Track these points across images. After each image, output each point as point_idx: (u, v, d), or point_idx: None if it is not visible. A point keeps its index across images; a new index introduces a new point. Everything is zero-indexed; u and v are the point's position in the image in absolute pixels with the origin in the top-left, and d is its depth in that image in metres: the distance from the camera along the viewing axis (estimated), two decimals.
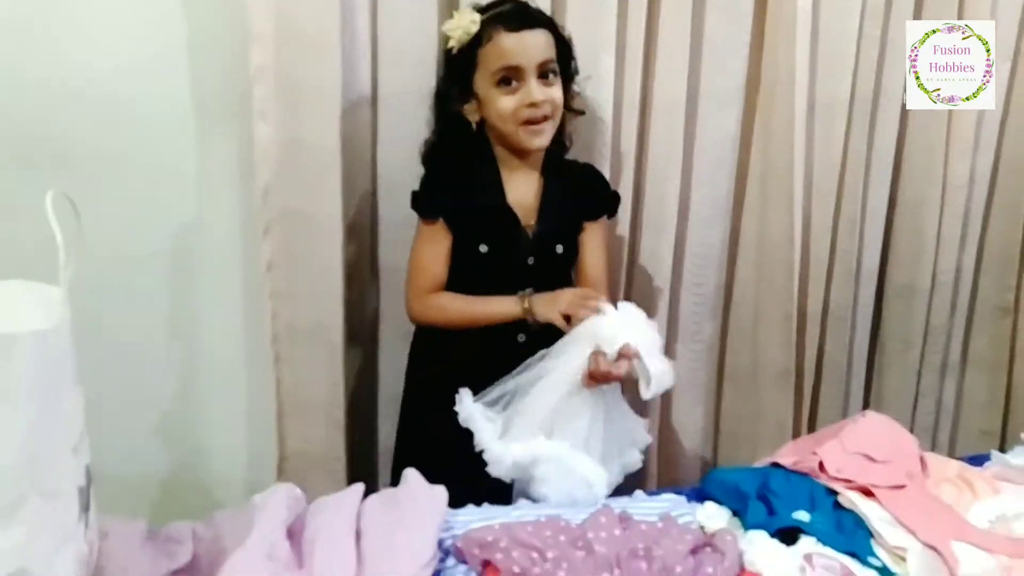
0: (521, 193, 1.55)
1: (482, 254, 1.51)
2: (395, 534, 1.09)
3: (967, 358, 2.19)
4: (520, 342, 1.50)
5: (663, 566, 1.06)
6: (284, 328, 1.63)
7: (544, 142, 1.50)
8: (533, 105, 1.45)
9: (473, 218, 1.51)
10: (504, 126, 1.48)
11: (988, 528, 1.23)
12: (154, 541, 1.07)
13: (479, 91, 1.49)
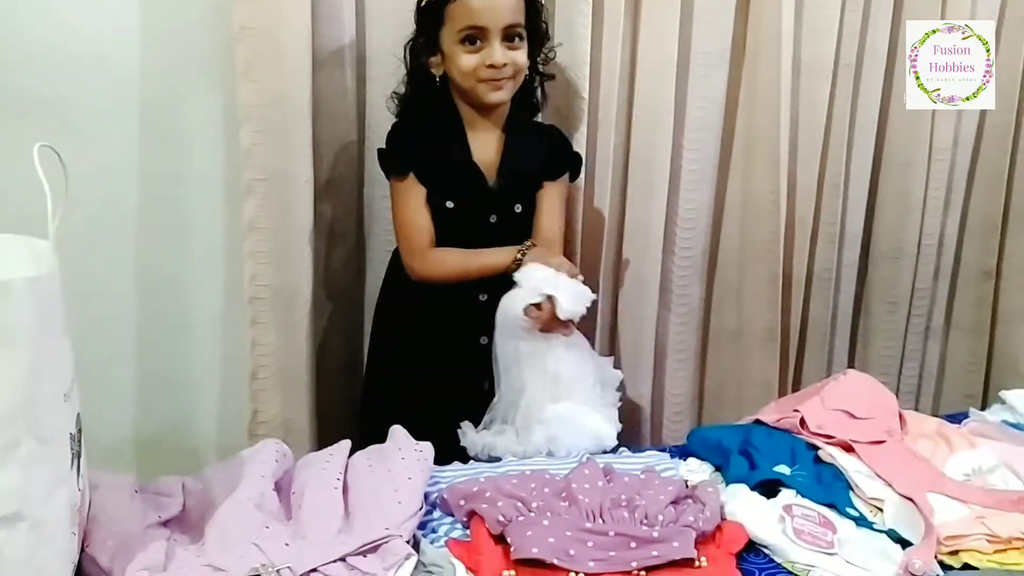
0: (484, 151, 1.57)
1: (448, 210, 1.53)
2: (382, 487, 1.11)
3: (950, 322, 2.21)
4: (482, 301, 1.53)
5: (645, 515, 1.08)
6: (260, 290, 1.63)
7: (502, 98, 1.53)
8: (493, 66, 1.48)
9: (441, 174, 1.54)
10: (464, 81, 1.51)
11: (964, 480, 1.26)
12: (144, 494, 1.08)
13: (444, 46, 1.51)
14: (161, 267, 1.69)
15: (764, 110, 1.83)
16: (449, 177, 1.54)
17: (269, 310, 1.64)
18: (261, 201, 1.58)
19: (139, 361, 1.72)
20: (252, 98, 1.53)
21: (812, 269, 2.00)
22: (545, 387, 1.43)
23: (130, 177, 1.62)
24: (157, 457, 1.75)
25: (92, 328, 1.61)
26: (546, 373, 1.44)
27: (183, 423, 1.77)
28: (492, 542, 1.05)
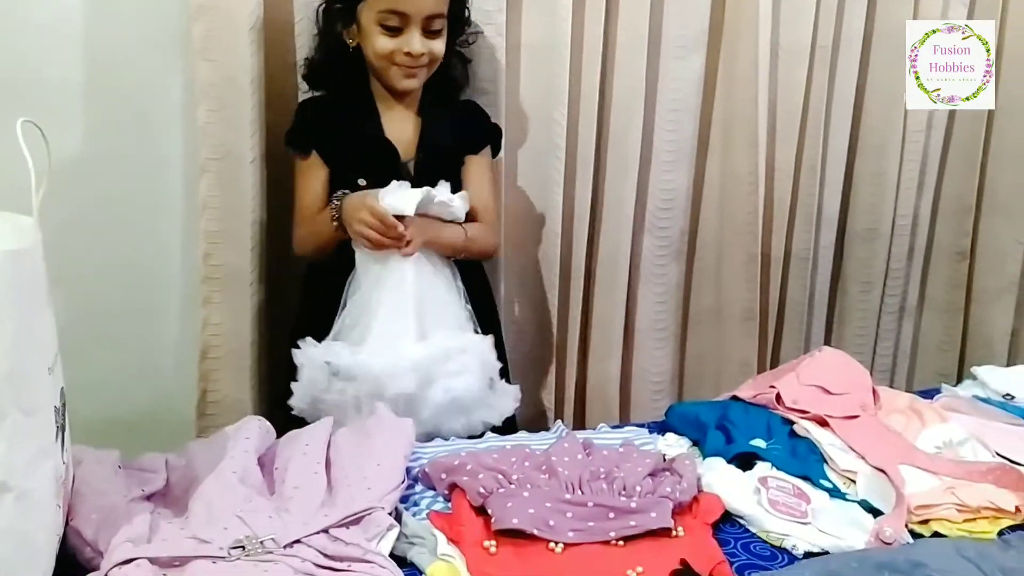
0: (398, 128, 1.54)
1: (360, 188, 1.48)
2: (364, 462, 1.12)
3: (924, 301, 2.25)
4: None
5: (623, 487, 1.10)
6: (216, 271, 1.63)
7: (413, 86, 1.52)
8: (410, 55, 1.46)
9: (350, 151, 1.51)
10: (377, 62, 1.49)
11: (935, 453, 1.29)
12: (127, 469, 1.09)
13: (361, 20, 1.48)
14: (124, 247, 1.68)
15: (743, 92, 1.85)
16: (360, 154, 1.52)
17: (221, 290, 1.63)
18: (214, 180, 1.58)
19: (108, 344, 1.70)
20: (208, 76, 1.53)
21: (790, 249, 2.03)
22: (397, 312, 1.39)
23: (91, 157, 1.60)
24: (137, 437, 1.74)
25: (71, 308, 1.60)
26: (397, 296, 1.40)
27: (152, 405, 1.76)
28: (473, 514, 1.06)
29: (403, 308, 1.40)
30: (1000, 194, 2.15)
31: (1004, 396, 1.50)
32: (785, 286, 2.05)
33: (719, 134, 1.91)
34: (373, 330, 1.39)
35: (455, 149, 1.58)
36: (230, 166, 1.58)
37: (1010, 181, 2.14)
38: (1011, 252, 2.17)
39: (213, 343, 1.66)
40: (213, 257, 1.62)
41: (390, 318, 1.39)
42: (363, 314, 1.41)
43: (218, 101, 1.54)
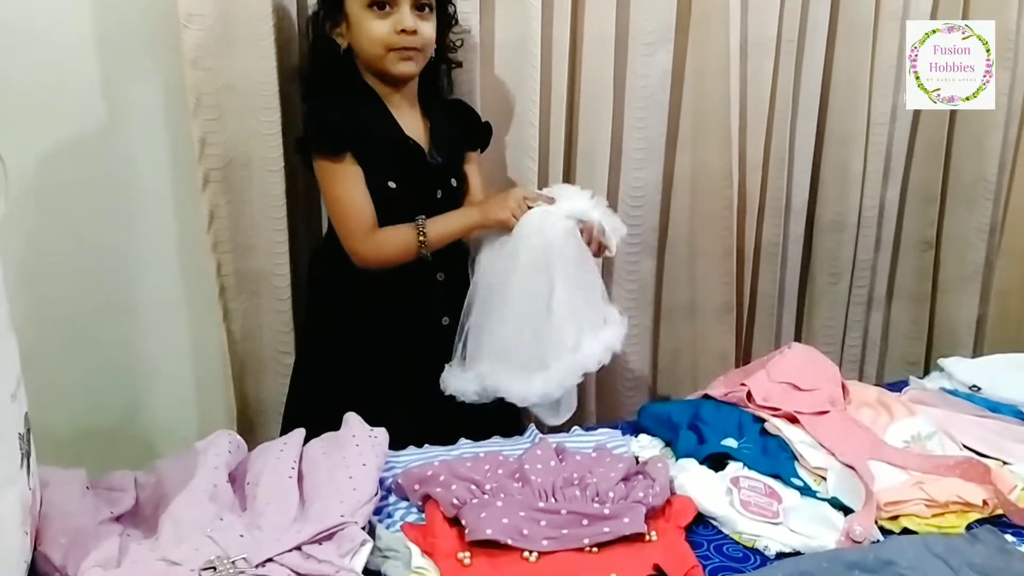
0: (412, 126, 1.52)
1: (391, 190, 1.46)
2: (337, 474, 1.11)
3: (892, 291, 2.27)
4: (440, 280, 1.51)
5: (596, 493, 1.10)
6: (230, 280, 1.62)
7: (411, 70, 1.47)
8: (404, 32, 1.42)
9: (377, 153, 1.46)
10: (372, 49, 1.44)
11: (903, 447, 1.30)
12: (96, 489, 1.07)
13: (351, 14, 1.45)
14: (111, 257, 1.66)
15: (713, 87, 1.85)
16: (388, 155, 1.47)
17: (236, 297, 1.63)
18: (220, 189, 1.56)
19: (91, 350, 1.69)
20: (204, 86, 1.50)
21: (760, 243, 2.04)
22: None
23: (77, 164, 1.58)
24: (110, 446, 1.74)
25: (42, 318, 1.60)
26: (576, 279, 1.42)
27: (135, 412, 1.75)
28: (447, 525, 1.06)
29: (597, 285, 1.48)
30: (963, 184, 2.18)
31: (971, 388, 1.52)
32: (756, 279, 2.06)
33: (688, 129, 1.91)
34: (588, 311, 1.43)
35: (460, 146, 1.59)
36: (237, 173, 1.56)
37: (972, 171, 2.16)
38: (974, 241, 2.20)
39: (239, 352, 1.66)
40: (226, 266, 1.61)
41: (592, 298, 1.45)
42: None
43: (215, 110, 1.52)
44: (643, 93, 1.83)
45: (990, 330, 2.32)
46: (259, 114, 1.53)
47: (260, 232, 1.60)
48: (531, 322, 1.40)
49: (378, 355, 1.51)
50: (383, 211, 1.46)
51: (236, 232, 1.60)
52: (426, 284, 1.50)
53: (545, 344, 1.39)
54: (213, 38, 1.49)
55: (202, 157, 1.54)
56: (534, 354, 1.40)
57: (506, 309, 1.41)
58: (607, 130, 1.81)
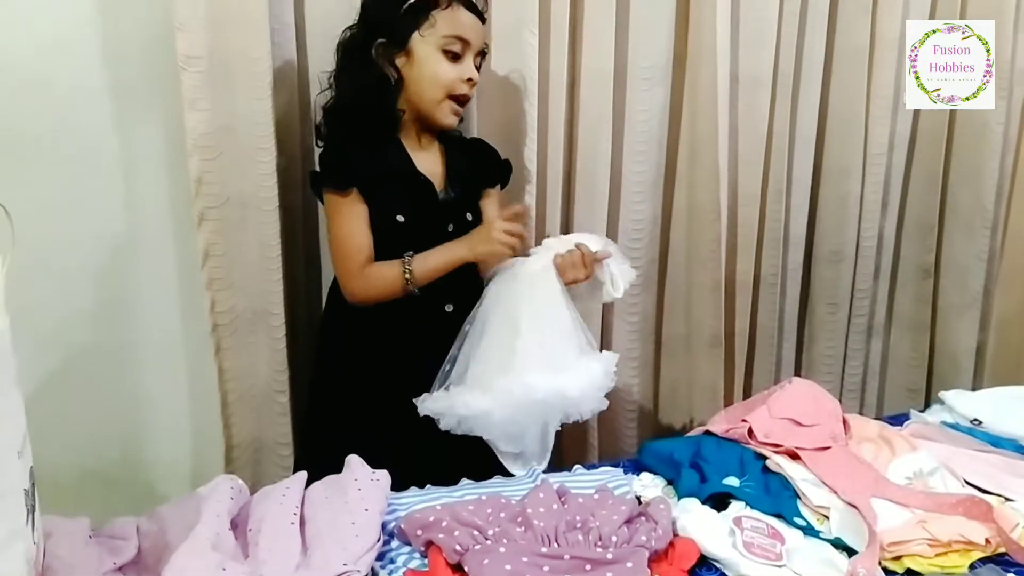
0: (426, 162, 1.54)
1: (399, 224, 1.48)
2: (339, 519, 1.11)
3: (892, 319, 2.28)
4: (448, 312, 1.52)
5: (599, 537, 1.10)
6: (224, 317, 1.63)
7: (455, 123, 1.53)
8: (470, 82, 1.49)
9: (387, 187, 1.48)
10: (433, 92, 1.48)
11: (905, 484, 1.30)
12: (98, 538, 1.07)
13: (416, 50, 1.47)
14: (112, 297, 1.67)
15: (705, 121, 1.87)
16: (397, 190, 1.49)
17: (230, 335, 1.63)
18: (216, 228, 1.57)
19: (91, 390, 1.69)
20: (201, 126, 1.51)
21: (759, 274, 2.05)
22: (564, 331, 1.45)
23: (76, 206, 1.60)
24: (112, 488, 1.74)
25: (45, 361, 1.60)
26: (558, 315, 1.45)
27: (134, 454, 1.75)
28: (450, 571, 1.06)
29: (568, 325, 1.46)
30: (961, 212, 2.19)
31: (972, 421, 1.52)
32: (756, 310, 2.07)
33: (685, 163, 1.93)
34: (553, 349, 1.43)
35: (476, 182, 1.61)
36: (233, 213, 1.57)
37: (970, 199, 2.17)
38: (973, 269, 2.21)
39: (230, 388, 1.66)
40: (220, 304, 1.61)
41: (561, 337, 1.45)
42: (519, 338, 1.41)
43: (212, 150, 1.53)
44: (642, 128, 1.85)
45: (990, 357, 2.33)
46: (255, 154, 1.55)
47: (255, 271, 1.61)
48: (497, 354, 1.41)
49: (391, 387, 1.50)
50: (391, 244, 1.47)
51: (231, 270, 1.61)
52: (435, 316, 1.52)
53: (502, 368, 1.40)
54: (210, 80, 1.50)
55: (198, 196, 1.56)
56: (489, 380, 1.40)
57: (479, 343, 1.44)
58: (607, 165, 1.83)
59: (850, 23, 1.96)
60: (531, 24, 1.68)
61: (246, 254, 1.60)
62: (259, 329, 1.65)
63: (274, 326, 1.64)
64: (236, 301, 1.63)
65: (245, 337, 1.65)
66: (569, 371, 1.43)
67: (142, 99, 1.58)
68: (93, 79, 1.56)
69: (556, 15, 1.71)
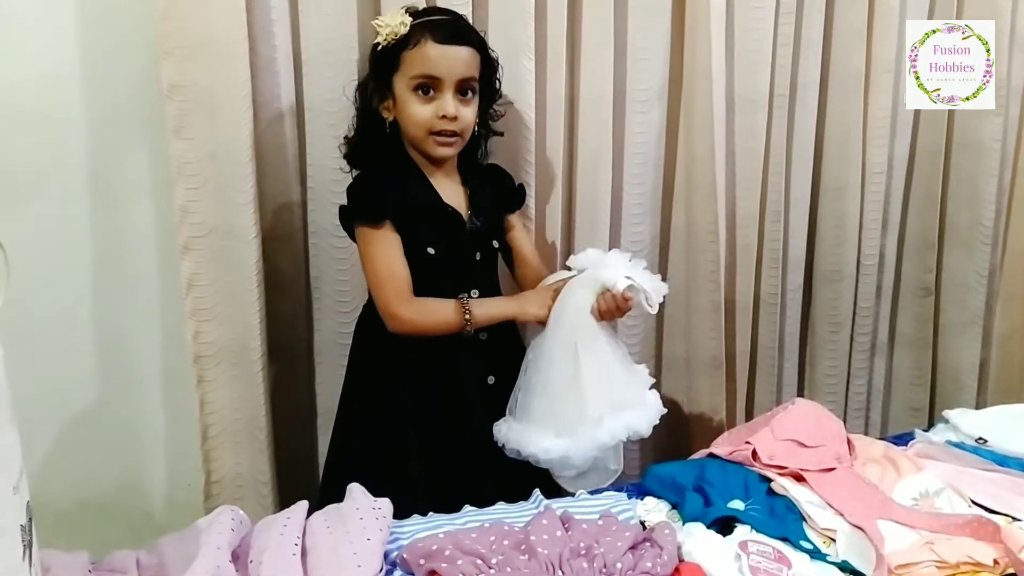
0: (450, 193, 1.56)
1: (430, 256, 1.50)
2: (340, 549, 1.10)
3: (894, 338, 2.27)
4: (483, 340, 1.54)
5: (604, 564, 1.09)
6: (207, 348, 1.62)
7: (448, 154, 1.53)
8: (445, 118, 1.47)
9: (417, 220, 1.50)
10: (415, 131, 1.50)
11: (911, 505, 1.29)
12: (98, 572, 1.06)
13: (396, 90, 1.49)
14: (101, 327, 1.67)
15: (701, 142, 1.87)
16: (427, 222, 1.51)
17: (214, 367, 1.62)
18: (200, 258, 1.57)
19: (85, 423, 1.69)
20: (186, 155, 1.52)
21: (759, 294, 2.04)
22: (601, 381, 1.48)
23: (64, 236, 1.61)
24: (109, 518, 1.73)
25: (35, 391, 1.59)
26: (603, 365, 1.49)
27: (132, 483, 1.74)
28: None
29: (621, 357, 1.54)
30: (960, 229, 2.19)
31: (977, 440, 1.51)
32: (756, 331, 2.06)
33: (682, 184, 1.93)
34: (615, 383, 1.50)
35: (499, 210, 1.64)
36: (217, 242, 1.57)
37: (969, 216, 2.18)
38: (974, 286, 2.21)
39: (211, 421, 1.65)
40: (204, 335, 1.61)
41: (619, 370, 1.52)
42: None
43: (197, 179, 1.53)
44: (640, 149, 1.85)
45: (993, 374, 2.32)
46: (237, 183, 1.55)
47: (235, 302, 1.60)
48: (562, 391, 1.47)
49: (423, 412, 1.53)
50: (422, 276, 1.50)
51: (216, 301, 1.60)
52: (469, 343, 1.53)
53: (572, 414, 1.46)
54: (195, 108, 1.51)
55: (183, 225, 1.56)
56: (563, 421, 1.46)
57: (543, 375, 1.49)
58: (607, 187, 1.83)
59: (845, 47, 1.96)
60: (528, 51, 1.69)
61: (228, 285, 1.60)
62: (240, 362, 1.63)
63: (252, 360, 1.63)
64: (220, 332, 1.62)
65: (228, 369, 1.63)
66: (634, 406, 1.50)
67: (128, 129, 1.59)
68: (79, 109, 1.57)
69: (553, 41, 1.72)
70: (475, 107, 1.53)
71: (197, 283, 1.58)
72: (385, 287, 1.48)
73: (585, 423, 1.45)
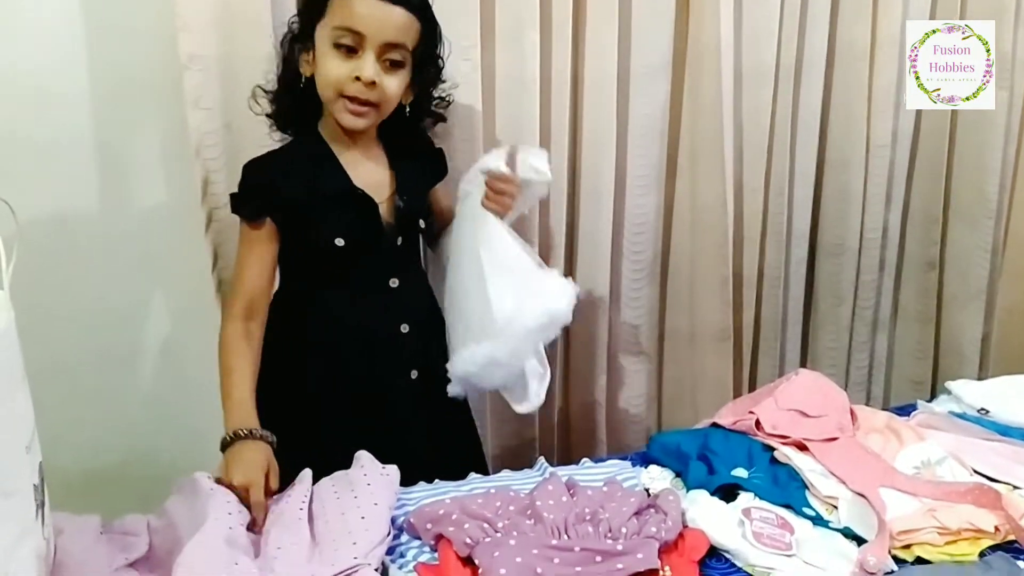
0: (368, 172, 1.41)
1: (339, 248, 1.35)
2: (349, 514, 1.11)
3: (897, 312, 2.28)
4: (404, 333, 1.43)
5: (609, 528, 1.10)
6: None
7: (358, 125, 1.36)
8: (360, 81, 1.30)
9: (321, 210, 1.35)
10: (325, 91, 1.34)
11: (913, 473, 1.31)
12: (109, 535, 1.08)
13: (317, 42, 1.34)
14: (116, 298, 1.67)
15: (708, 117, 1.87)
16: (334, 211, 1.36)
17: None
18: (222, 227, 1.56)
19: (94, 394, 1.70)
20: (205, 125, 1.51)
21: (762, 268, 2.04)
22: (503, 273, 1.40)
23: (79, 210, 1.60)
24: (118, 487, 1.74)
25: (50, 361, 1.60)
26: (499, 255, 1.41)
27: (140, 454, 1.75)
28: (460, 564, 1.06)
29: (520, 252, 1.43)
30: (964, 204, 2.19)
31: (979, 411, 1.52)
32: (760, 304, 2.06)
33: (687, 158, 1.93)
34: (519, 278, 1.40)
35: (427, 184, 1.53)
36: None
37: (973, 190, 2.17)
38: (977, 260, 2.21)
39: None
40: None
41: (511, 292, 1.39)
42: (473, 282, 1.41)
43: (216, 149, 1.52)
44: (644, 123, 1.85)
45: (995, 348, 2.33)
46: (253, 154, 1.51)
47: None
48: (475, 295, 1.39)
49: (344, 405, 1.42)
50: (334, 270, 1.38)
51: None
52: (390, 337, 1.42)
53: (487, 313, 1.37)
54: (213, 78, 1.50)
55: (205, 198, 1.55)
56: (481, 325, 1.38)
57: (459, 292, 1.43)
58: (611, 161, 1.82)
59: (851, 20, 1.95)
60: (533, 24, 1.68)
61: None
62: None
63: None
64: None
65: None
66: (543, 291, 1.40)
67: (147, 101, 1.58)
68: (97, 82, 1.56)
69: (558, 14, 1.71)
70: (402, 80, 1.36)
71: (222, 254, 1.58)
72: (230, 296, 1.38)
73: (504, 315, 1.36)
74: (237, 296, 1.36)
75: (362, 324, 1.41)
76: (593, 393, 1.97)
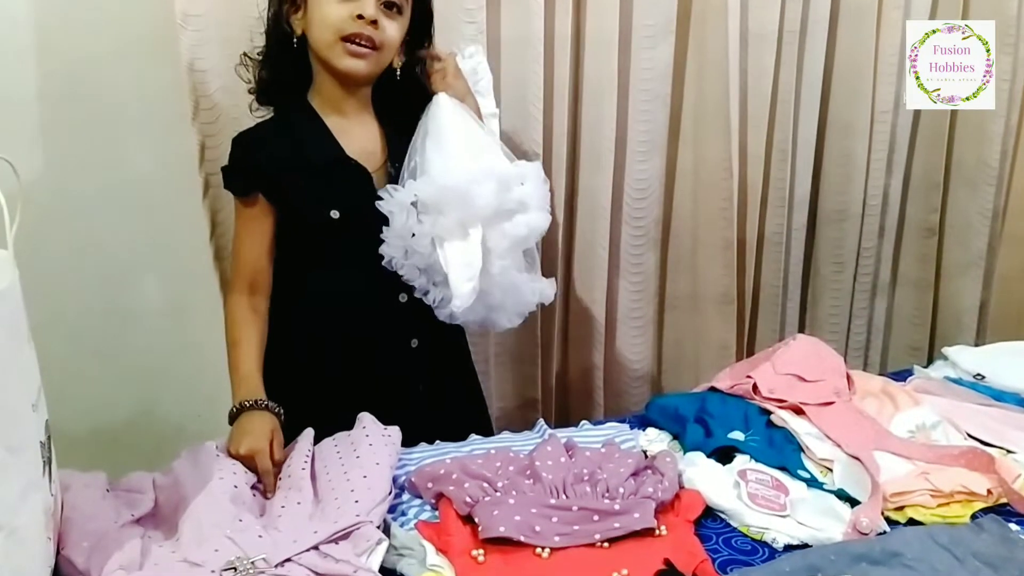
0: (360, 139, 1.38)
1: (334, 220, 1.33)
2: (351, 473, 1.13)
3: (896, 278, 2.29)
4: (403, 302, 1.40)
5: (607, 488, 1.12)
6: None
7: (359, 68, 1.32)
8: (362, 19, 1.28)
9: (313, 181, 1.33)
10: (323, 35, 1.30)
11: (908, 437, 1.32)
12: (115, 491, 1.09)
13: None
14: (117, 258, 1.68)
15: (713, 80, 1.86)
16: (326, 182, 1.33)
17: None
18: (221, 193, 1.55)
19: (98, 354, 1.71)
20: (201, 88, 1.50)
21: (763, 233, 2.05)
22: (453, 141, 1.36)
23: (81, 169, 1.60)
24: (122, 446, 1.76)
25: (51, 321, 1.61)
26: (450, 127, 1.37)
27: (144, 413, 1.78)
28: (460, 522, 1.08)
29: (459, 136, 1.37)
30: (965, 169, 2.19)
31: (975, 376, 1.54)
32: (760, 269, 2.07)
33: (690, 122, 1.92)
34: (440, 158, 1.34)
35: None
36: None
37: (974, 156, 2.17)
38: (977, 227, 2.21)
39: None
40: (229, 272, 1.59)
41: (451, 146, 1.35)
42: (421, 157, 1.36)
43: (212, 113, 1.52)
44: (646, 87, 1.84)
45: (993, 316, 2.33)
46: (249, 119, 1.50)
47: None
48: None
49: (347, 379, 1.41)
50: (330, 243, 1.36)
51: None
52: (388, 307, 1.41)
53: (419, 167, 1.35)
54: (209, 39, 1.49)
55: (203, 163, 1.55)
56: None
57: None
58: (611, 124, 1.82)
59: None
60: None
61: None
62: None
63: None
64: None
65: None
66: (499, 159, 1.38)
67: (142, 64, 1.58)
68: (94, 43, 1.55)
69: None
70: (401, 29, 1.35)
71: (219, 220, 1.58)
72: (232, 271, 1.39)
73: (436, 168, 1.32)
74: (238, 274, 1.37)
75: (361, 294, 1.39)
76: (592, 357, 1.99)
